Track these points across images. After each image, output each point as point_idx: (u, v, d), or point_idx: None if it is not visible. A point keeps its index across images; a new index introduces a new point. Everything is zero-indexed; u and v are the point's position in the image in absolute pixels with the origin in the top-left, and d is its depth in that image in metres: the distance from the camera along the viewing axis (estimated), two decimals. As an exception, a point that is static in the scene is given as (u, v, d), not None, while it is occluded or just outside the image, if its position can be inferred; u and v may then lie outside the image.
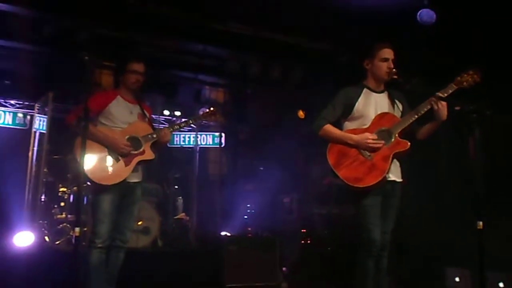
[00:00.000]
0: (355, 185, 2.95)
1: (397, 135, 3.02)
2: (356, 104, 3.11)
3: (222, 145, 7.72)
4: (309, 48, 6.23)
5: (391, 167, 3.03)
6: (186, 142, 7.68)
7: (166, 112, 7.30)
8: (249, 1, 5.32)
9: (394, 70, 3.03)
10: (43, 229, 5.51)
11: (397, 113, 3.16)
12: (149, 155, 3.37)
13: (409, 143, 3.01)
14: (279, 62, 6.71)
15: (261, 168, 7.76)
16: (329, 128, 3.09)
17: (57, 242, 5.36)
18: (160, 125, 6.60)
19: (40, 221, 5.60)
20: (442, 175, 4.56)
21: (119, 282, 3.34)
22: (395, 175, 3.10)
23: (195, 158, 7.54)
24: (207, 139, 7.78)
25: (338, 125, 3.15)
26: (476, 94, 2.87)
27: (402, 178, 3.14)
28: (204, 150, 7.87)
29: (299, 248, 6.02)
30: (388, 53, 3.10)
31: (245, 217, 7.31)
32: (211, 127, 7.79)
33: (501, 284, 4.07)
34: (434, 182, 4.89)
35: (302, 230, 6.20)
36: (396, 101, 3.19)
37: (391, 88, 3.22)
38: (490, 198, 2.76)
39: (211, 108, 3.71)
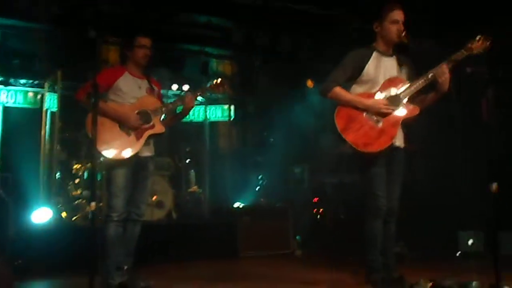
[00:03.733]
0: (364, 150, 2.93)
1: (406, 100, 2.99)
2: (366, 67, 3.06)
3: (232, 118, 7.71)
4: (318, 15, 6.11)
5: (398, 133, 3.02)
6: (196, 116, 7.68)
7: (174, 87, 7.28)
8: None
9: (404, 32, 2.98)
10: (59, 205, 5.62)
11: (404, 78, 3.12)
12: (159, 128, 3.39)
13: (418, 109, 2.99)
14: (287, 31, 6.61)
15: (271, 139, 7.76)
16: (339, 90, 3.04)
17: (73, 218, 5.48)
18: (169, 99, 6.59)
19: (56, 198, 5.71)
20: (455, 138, 4.53)
21: (136, 254, 3.42)
22: (399, 140, 3.09)
23: (205, 131, 7.55)
24: (216, 112, 7.76)
25: (345, 87, 3.11)
26: (488, 54, 2.82)
27: (410, 143, 3.13)
28: (214, 124, 7.87)
29: (311, 217, 6.08)
30: (398, 14, 3.04)
31: (257, 188, 7.37)
32: (219, 100, 7.76)
33: (514, 246, 4.08)
34: (447, 145, 4.87)
35: (314, 199, 6.25)
36: (404, 66, 3.15)
37: (399, 51, 3.16)
38: (504, 159, 2.74)
39: (219, 79, 3.68)
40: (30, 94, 6.45)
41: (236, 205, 6.47)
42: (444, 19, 4.74)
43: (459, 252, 4.61)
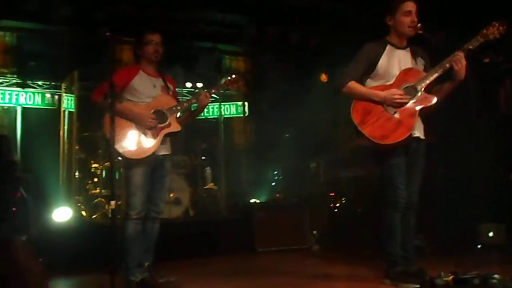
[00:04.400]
0: (382, 142, 2.92)
1: (423, 90, 2.96)
2: (380, 60, 3.05)
3: (246, 114, 7.73)
4: (327, 9, 6.07)
5: (416, 124, 3.00)
6: (210, 113, 7.72)
7: (188, 85, 7.32)
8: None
9: (419, 24, 2.95)
10: (79, 204, 5.72)
11: (420, 69, 3.09)
12: (175, 127, 3.41)
13: (435, 98, 2.96)
14: (299, 26, 6.58)
15: (286, 135, 7.75)
16: (354, 85, 3.04)
17: (93, 216, 5.56)
18: (184, 97, 6.63)
19: (76, 197, 5.81)
20: (473, 129, 4.46)
21: (155, 251, 3.46)
22: (419, 132, 3.07)
23: (220, 128, 7.58)
24: (230, 109, 7.79)
25: (360, 82, 3.09)
26: (504, 45, 2.77)
27: (429, 135, 3.10)
28: (229, 120, 7.89)
29: (328, 211, 6.06)
30: (410, 5, 3.02)
31: (273, 183, 7.38)
32: (234, 96, 7.78)
33: (535, 238, 4.01)
34: (466, 136, 4.80)
35: (331, 194, 6.23)
36: (419, 57, 3.12)
37: (415, 43, 3.13)
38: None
39: (233, 76, 3.68)
40: (48, 95, 6.56)
41: (252, 201, 6.49)
42: (458, 9, 4.66)
43: (480, 245, 4.55)
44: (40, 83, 6.54)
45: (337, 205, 6.12)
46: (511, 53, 2.63)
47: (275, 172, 7.48)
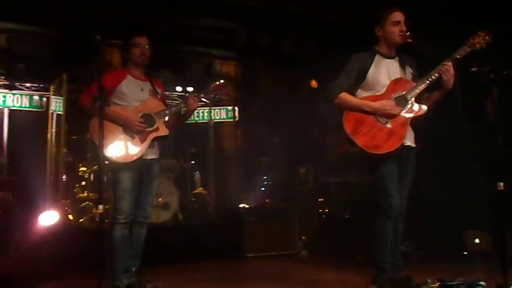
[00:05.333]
0: (375, 152, 2.94)
1: (413, 99, 3.00)
2: (369, 70, 3.08)
3: (236, 119, 7.73)
4: (320, 17, 6.12)
5: (407, 133, 3.02)
6: (200, 118, 7.70)
7: (179, 89, 7.30)
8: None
9: (408, 33, 2.99)
10: (66, 208, 5.65)
11: (409, 79, 3.12)
12: (163, 131, 3.39)
13: (426, 108, 2.99)
14: (290, 33, 6.62)
15: (276, 140, 7.77)
16: (345, 96, 3.06)
17: (80, 220, 5.51)
18: (174, 101, 6.61)
19: (63, 200, 5.75)
20: (461, 137, 4.53)
21: (142, 256, 3.43)
22: (410, 140, 3.10)
23: (210, 133, 7.57)
24: (220, 114, 7.78)
25: (351, 92, 3.11)
26: (492, 54, 2.82)
27: (418, 142, 3.14)
28: (219, 125, 7.88)
29: (317, 217, 6.08)
30: (398, 15, 3.06)
31: (262, 189, 7.38)
32: (224, 101, 7.77)
33: (521, 245, 4.05)
34: (452, 144, 4.86)
35: (319, 200, 6.25)
36: (407, 66, 3.16)
37: (403, 52, 3.17)
38: (510, 158, 2.73)
39: (221, 81, 3.66)
40: (36, 97, 6.49)
41: (241, 206, 6.48)
42: (448, 20, 4.73)
43: (466, 252, 4.59)
44: (28, 85, 6.47)
45: (326, 210, 6.14)
46: (498, 62, 2.67)
47: (265, 177, 7.48)
